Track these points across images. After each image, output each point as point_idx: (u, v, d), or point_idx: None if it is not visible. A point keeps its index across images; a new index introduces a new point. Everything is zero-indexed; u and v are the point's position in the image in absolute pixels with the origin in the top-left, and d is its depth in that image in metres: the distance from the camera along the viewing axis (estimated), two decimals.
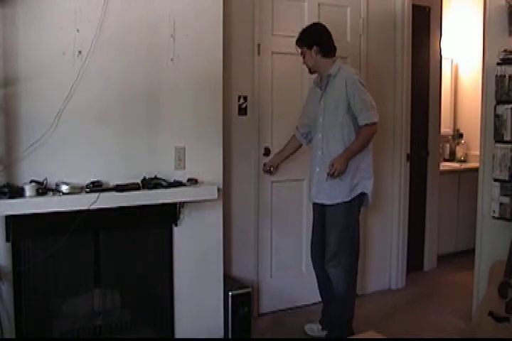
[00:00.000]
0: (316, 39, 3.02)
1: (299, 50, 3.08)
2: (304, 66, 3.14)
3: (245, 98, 3.38)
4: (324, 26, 3.08)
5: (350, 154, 2.95)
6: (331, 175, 2.92)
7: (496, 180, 3.12)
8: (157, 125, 2.82)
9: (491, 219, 3.18)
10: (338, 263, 3.03)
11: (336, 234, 3.03)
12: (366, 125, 2.93)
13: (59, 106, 2.54)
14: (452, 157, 5.26)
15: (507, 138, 3.06)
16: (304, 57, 3.08)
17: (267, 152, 3.48)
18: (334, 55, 3.05)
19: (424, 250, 4.51)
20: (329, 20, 3.33)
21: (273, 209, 3.57)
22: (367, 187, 3.05)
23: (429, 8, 4.38)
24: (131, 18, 2.71)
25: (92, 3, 2.61)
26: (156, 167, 2.81)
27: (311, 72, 3.13)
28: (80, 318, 2.72)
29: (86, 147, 2.65)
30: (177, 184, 2.78)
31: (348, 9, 3.74)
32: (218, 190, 2.88)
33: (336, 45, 3.07)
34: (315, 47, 3.00)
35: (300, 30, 3.10)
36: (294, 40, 3.09)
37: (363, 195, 3.05)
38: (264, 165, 3.39)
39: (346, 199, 2.98)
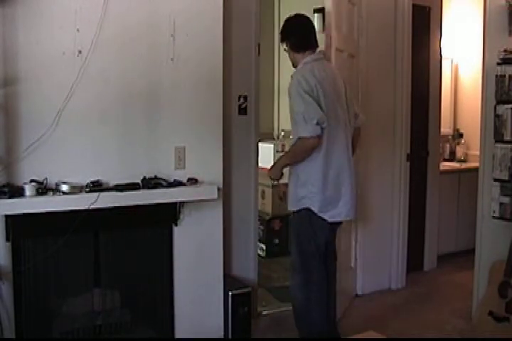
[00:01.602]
0: (287, 34, 2.83)
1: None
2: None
3: (245, 98, 3.38)
4: (299, 19, 2.86)
5: (281, 163, 2.78)
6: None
7: (496, 180, 3.12)
8: (157, 125, 2.82)
9: (491, 219, 3.18)
10: (292, 278, 2.89)
11: (292, 244, 2.91)
12: (299, 138, 2.66)
13: (59, 106, 2.54)
14: (452, 157, 5.25)
15: (507, 138, 3.06)
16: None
17: None
18: (306, 50, 2.79)
19: (424, 250, 4.51)
20: None
21: None
22: (314, 203, 2.71)
23: (429, 8, 4.38)
24: (131, 18, 2.71)
25: (92, 3, 2.61)
26: (156, 167, 2.81)
27: (294, 65, 2.90)
28: (79, 318, 2.72)
29: (86, 147, 2.65)
30: (177, 184, 2.78)
31: (355, 8, 3.66)
32: (218, 189, 2.88)
33: (317, 38, 2.83)
34: (287, 43, 2.83)
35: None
36: None
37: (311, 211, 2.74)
38: None
39: (294, 209, 2.80)
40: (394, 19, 3.94)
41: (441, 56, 4.54)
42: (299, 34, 2.82)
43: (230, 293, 3.08)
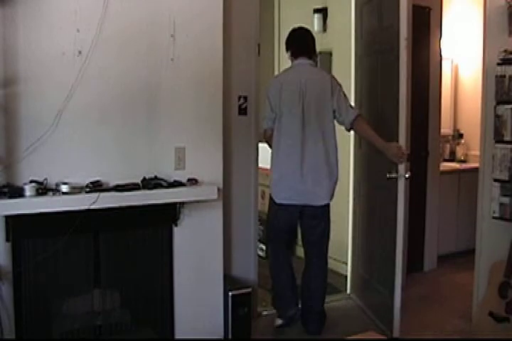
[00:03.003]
0: (288, 44, 3.31)
1: None
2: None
3: (245, 98, 3.38)
4: (297, 31, 3.30)
5: None
6: None
7: (496, 180, 3.12)
8: (157, 125, 2.82)
9: (491, 219, 3.18)
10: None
11: None
12: None
13: (59, 106, 2.54)
14: (452, 157, 5.25)
15: (507, 138, 3.06)
16: None
17: None
18: (299, 56, 3.24)
19: (424, 250, 4.51)
20: None
21: None
22: (270, 182, 3.29)
23: (429, 8, 4.37)
24: (131, 18, 2.72)
25: (92, 3, 2.61)
26: (156, 167, 2.81)
27: None
28: (79, 318, 2.72)
29: (86, 147, 2.65)
30: (177, 184, 2.78)
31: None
32: (218, 190, 2.88)
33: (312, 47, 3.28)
34: (289, 51, 3.30)
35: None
36: None
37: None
38: None
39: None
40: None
41: (441, 56, 4.53)
42: (295, 44, 3.28)
43: (230, 293, 3.08)
